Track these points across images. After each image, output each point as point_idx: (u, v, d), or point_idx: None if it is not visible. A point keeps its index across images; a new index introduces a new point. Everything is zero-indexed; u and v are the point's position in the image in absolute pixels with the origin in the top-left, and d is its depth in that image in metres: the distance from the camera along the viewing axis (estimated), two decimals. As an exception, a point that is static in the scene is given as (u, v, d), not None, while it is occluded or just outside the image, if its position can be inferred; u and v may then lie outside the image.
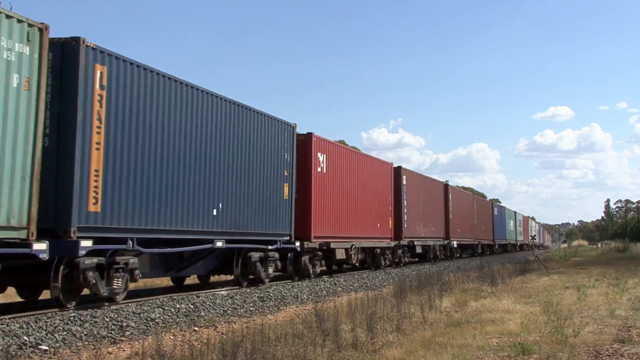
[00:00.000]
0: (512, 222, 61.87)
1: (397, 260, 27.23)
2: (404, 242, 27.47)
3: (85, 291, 11.22)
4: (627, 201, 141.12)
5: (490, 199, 77.62)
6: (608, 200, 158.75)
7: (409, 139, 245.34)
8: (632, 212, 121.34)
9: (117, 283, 11.31)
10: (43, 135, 9.70)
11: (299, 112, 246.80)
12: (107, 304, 11.30)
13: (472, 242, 42.65)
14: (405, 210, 27.71)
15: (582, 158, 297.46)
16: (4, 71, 8.95)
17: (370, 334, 9.09)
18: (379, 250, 24.86)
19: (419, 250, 29.65)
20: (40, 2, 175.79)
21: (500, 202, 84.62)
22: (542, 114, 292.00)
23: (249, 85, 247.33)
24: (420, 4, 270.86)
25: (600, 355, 8.01)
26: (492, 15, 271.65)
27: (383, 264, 25.35)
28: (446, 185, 36.64)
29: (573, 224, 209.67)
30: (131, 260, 11.63)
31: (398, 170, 27.72)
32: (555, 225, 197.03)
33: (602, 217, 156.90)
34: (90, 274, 10.57)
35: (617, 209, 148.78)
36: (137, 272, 11.83)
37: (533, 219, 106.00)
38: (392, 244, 26.10)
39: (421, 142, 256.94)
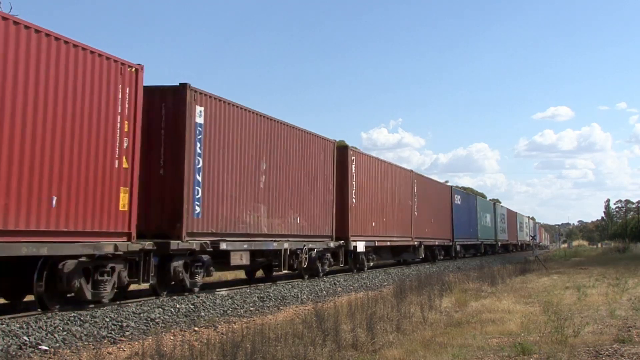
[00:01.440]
0: (489, 217, 48.84)
1: (137, 280, 11.98)
2: (190, 243, 13.13)
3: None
4: (627, 201, 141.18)
5: (490, 199, 74.74)
6: (608, 201, 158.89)
7: (409, 139, 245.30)
8: (632, 212, 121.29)
9: None
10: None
11: (299, 112, 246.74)
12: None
13: (405, 243, 28.41)
14: (198, 178, 13.51)
15: (582, 158, 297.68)
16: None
17: (370, 334, 9.09)
18: (65, 265, 10.30)
19: (240, 260, 15.24)
20: (40, 2, 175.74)
21: (500, 202, 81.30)
22: (542, 114, 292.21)
23: (249, 85, 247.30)
24: (420, 4, 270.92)
25: (600, 356, 8.00)
26: (492, 15, 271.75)
27: (94, 292, 10.96)
28: (344, 149, 22.03)
29: (573, 224, 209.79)
30: None
31: (181, 92, 13.23)
32: (555, 225, 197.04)
33: (602, 217, 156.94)
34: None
35: (617, 209, 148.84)
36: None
37: (533, 219, 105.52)
38: (129, 247, 11.46)
39: (421, 142, 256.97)
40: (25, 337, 8.56)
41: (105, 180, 11.13)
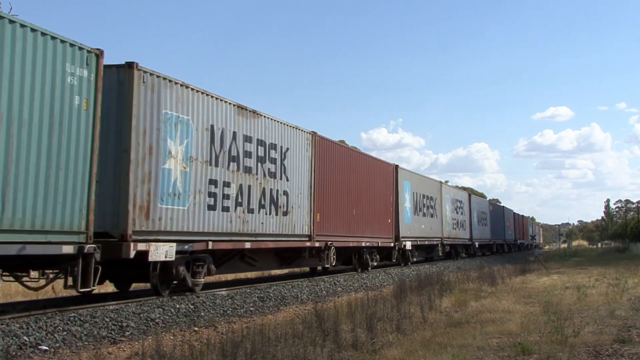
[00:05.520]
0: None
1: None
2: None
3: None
4: (627, 201, 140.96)
5: (490, 199, 73.18)
6: (608, 201, 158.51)
7: (408, 139, 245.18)
8: (632, 212, 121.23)
9: None
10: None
11: (299, 112, 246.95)
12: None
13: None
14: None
15: (581, 158, 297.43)
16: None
17: (370, 334, 9.09)
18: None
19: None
20: (40, 2, 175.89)
21: (500, 202, 78.66)
22: (542, 114, 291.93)
23: (249, 85, 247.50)
24: (421, 4, 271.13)
25: (600, 356, 8.01)
26: (492, 16, 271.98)
27: None
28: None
29: (573, 224, 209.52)
30: None
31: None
32: (555, 225, 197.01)
33: (602, 217, 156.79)
34: None
35: (617, 209, 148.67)
36: None
37: (530, 218, 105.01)
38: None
39: (421, 142, 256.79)
40: (25, 337, 8.56)
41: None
